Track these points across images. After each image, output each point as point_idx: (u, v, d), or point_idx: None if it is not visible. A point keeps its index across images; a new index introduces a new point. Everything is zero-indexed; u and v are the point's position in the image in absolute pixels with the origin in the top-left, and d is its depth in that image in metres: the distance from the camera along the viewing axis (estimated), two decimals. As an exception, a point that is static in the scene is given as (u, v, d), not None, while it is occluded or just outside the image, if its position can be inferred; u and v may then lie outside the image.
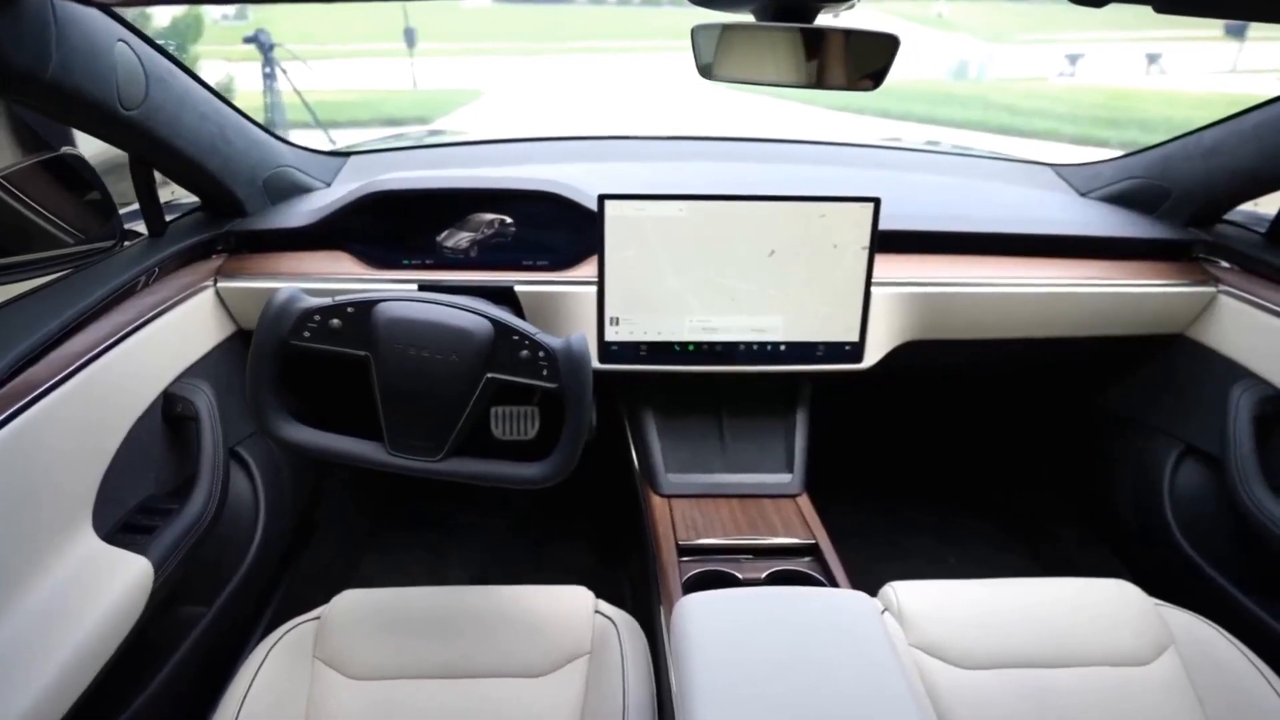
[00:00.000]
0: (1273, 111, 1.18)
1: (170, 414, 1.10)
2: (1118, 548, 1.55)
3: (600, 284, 1.19)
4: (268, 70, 5.84)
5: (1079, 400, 1.64)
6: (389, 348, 0.90)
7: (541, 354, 0.91)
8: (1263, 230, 1.30)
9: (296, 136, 1.47)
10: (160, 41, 1.01)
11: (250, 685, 0.93)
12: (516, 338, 0.91)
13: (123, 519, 0.99)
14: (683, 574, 1.06)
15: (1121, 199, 1.46)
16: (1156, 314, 1.34)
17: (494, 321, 0.91)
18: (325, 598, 1.05)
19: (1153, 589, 1.41)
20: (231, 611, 1.18)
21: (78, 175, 1.11)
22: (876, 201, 1.15)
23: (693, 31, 0.85)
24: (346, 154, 1.57)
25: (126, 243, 1.16)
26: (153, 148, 1.03)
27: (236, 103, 1.21)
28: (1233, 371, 1.26)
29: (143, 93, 0.93)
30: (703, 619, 0.87)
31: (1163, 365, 1.42)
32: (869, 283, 1.20)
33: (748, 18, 0.87)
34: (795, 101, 10.05)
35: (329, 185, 1.46)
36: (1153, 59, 13.83)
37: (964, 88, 12.15)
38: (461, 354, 0.89)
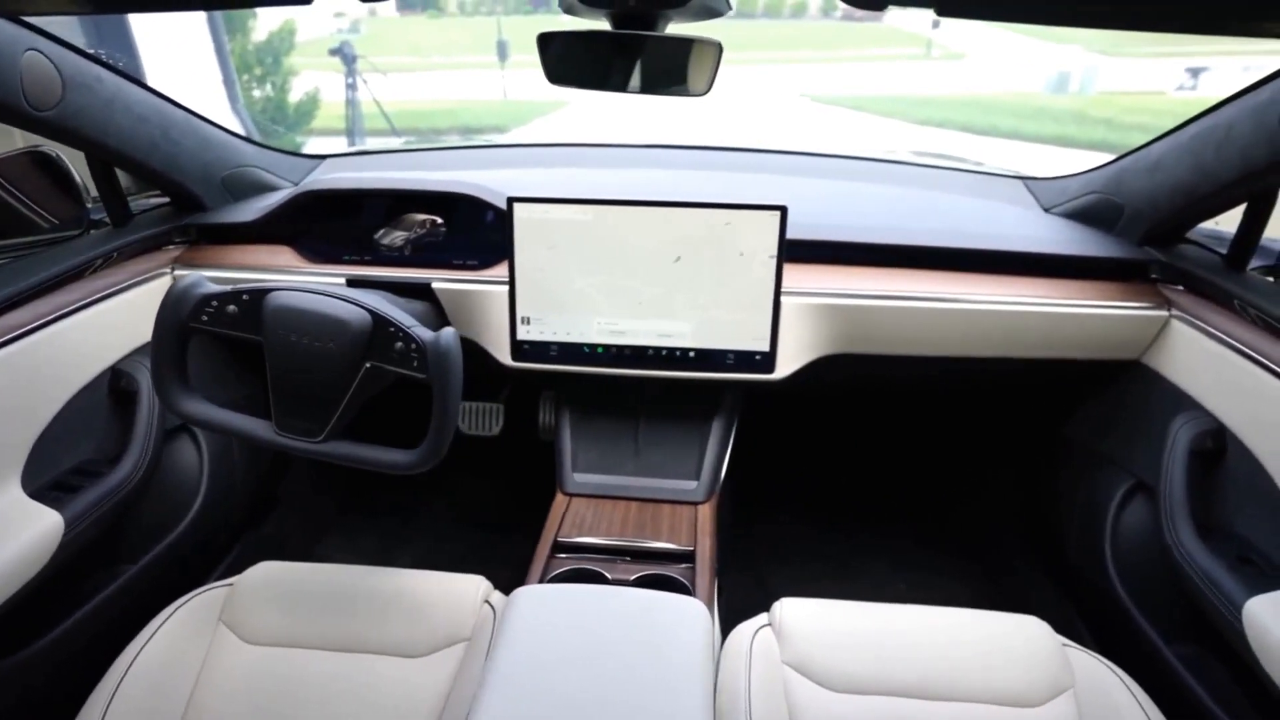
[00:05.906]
0: (1205, 123, 1.09)
1: (115, 388, 1.21)
2: (1064, 582, 1.46)
3: (511, 284, 1.22)
4: (350, 81, 6.25)
5: (1040, 426, 1.55)
6: (275, 334, 0.96)
7: (414, 346, 0.95)
8: (1224, 251, 1.20)
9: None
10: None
11: (151, 638, 1.00)
12: (393, 329, 0.96)
13: (54, 478, 1.10)
14: (551, 570, 1.07)
15: (1082, 215, 1.38)
16: (1107, 337, 1.25)
17: (372, 313, 0.96)
18: None
19: (1088, 630, 1.31)
20: (158, 572, 1.28)
21: (53, 168, 1.25)
22: (783, 210, 1.14)
23: (539, 39, 0.88)
24: (322, 157, 1.67)
25: (94, 231, 1.29)
26: (84, 144, 1.14)
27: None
28: (1180, 402, 1.17)
29: (57, 96, 1.04)
30: (524, 611, 0.89)
31: (1118, 393, 1.33)
32: (778, 292, 1.18)
33: (604, 24, 0.89)
34: (877, 115, 9.81)
35: (296, 185, 1.56)
36: (1289, 71, 12.66)
37: (1062, 101, 11.48)
38: (339, 342, 0.95)
